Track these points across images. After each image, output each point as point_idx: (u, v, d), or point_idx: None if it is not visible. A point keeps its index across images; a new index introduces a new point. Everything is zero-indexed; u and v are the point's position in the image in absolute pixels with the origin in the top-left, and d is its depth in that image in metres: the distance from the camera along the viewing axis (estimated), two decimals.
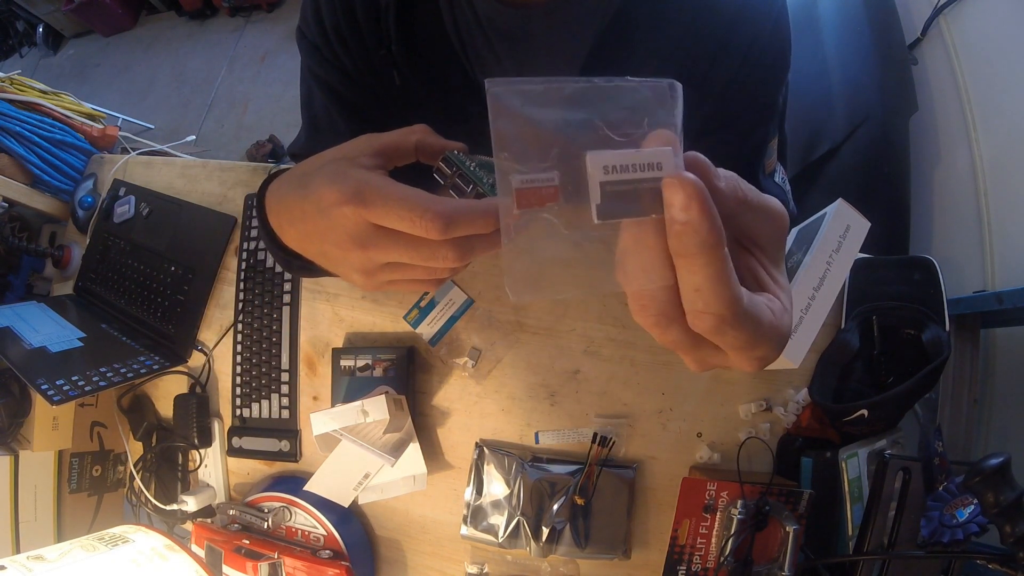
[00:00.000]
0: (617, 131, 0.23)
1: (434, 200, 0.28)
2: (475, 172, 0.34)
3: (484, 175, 0.34)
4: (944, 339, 0.60)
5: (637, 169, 0.21)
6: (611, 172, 0.21)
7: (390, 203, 0.28)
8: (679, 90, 0.24)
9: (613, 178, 0.21)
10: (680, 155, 0.22)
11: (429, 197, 0.28)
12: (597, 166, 0.21)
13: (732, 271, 0.21)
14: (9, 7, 2.92)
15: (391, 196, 0.28)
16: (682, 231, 0.20)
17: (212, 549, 0.67)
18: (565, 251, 0.23)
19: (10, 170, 0.97)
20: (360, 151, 0.33)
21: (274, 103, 2.44)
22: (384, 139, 0.35)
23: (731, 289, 0.21)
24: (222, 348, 0.82)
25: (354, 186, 0.29)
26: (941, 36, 1.03)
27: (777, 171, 0.56)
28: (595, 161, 0.21)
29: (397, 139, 0.35)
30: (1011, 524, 0.46)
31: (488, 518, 0.68)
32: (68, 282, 0.96)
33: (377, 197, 0.29)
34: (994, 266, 0.83)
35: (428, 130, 0.37)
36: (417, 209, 0.28)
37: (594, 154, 0.21)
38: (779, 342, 0.23)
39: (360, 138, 0.35)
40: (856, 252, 0.64)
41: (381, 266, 0.32)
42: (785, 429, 0.66)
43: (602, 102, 0.23)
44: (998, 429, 0.74)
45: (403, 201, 0.28)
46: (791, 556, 0.56)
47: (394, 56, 0.47)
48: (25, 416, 0.78)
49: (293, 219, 0.34)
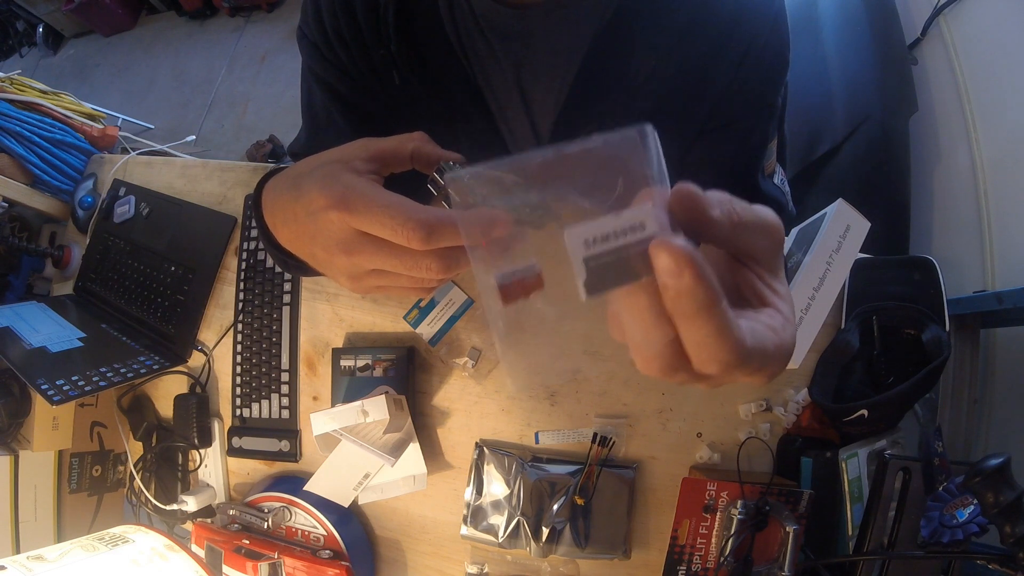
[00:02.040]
0: (592, 198, 0.22)
1: (418, 209, 0.28)
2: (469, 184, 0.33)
3: (479, 187, 0.32)
4: (944, 339, 0.60)
5: (619, 235, 0.20)
6: (592, 245, 0.20)
7: (374, 210, 0.28)
8: (650, 133, 0.22)
9: (596, 251, 0.20)
10: (663, 206, 0.21)
11: (414, 206, 0.28)
12: (577, 242, 0.20)
13: (732, 320, 0.20)
14: (9, 7, 2.93)
15: (375, 203, 0.28)
16: (676, 296, 0.19)
17: (212, 549, 0.67)
18: (559, 332, 0.23)
19: (10, 170, 0.97)
20: (355, 155, 0.33)
21: (274, 103, 2.44)
22: (380, 144, 0.35)
23: (734, 338, 0.20)
24: (222, 348, 0.82)
25: (341, 191, 0.29)
26: (941, 36, 1.03)
27: (776, 172, 0.56)
28: (573, 237, 0.20)
29: (394, 145, 0.35)
30: (1011, 524, 0.46)
31: (488, 518, 0.68)
32: (68, 282, 0.96)
33: (362, 203, 0.28)
34: (994, 266, 0.83)
35: (426, 138, 0.36)
36: (399, 217, 0.27)
37: (571, 230, 0.20)
38: (785, 357, 0.23)
39: (357, 142, 0.35)
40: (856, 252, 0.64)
41: (367, 272, 0.31)
42: (785, 429, 0.66)
43: (570, 172, 0.22)
44: (998, 429, 0.74)
45: (387, 208, 0.28)
46: (791, 556, 0.56)
47: (393, 56, 0.47)
48: (25, 416, 0.78)
49: (286, 220, 0.34)
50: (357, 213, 0.28)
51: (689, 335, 0.20)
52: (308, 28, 0.50)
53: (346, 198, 0.29)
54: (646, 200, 0.21)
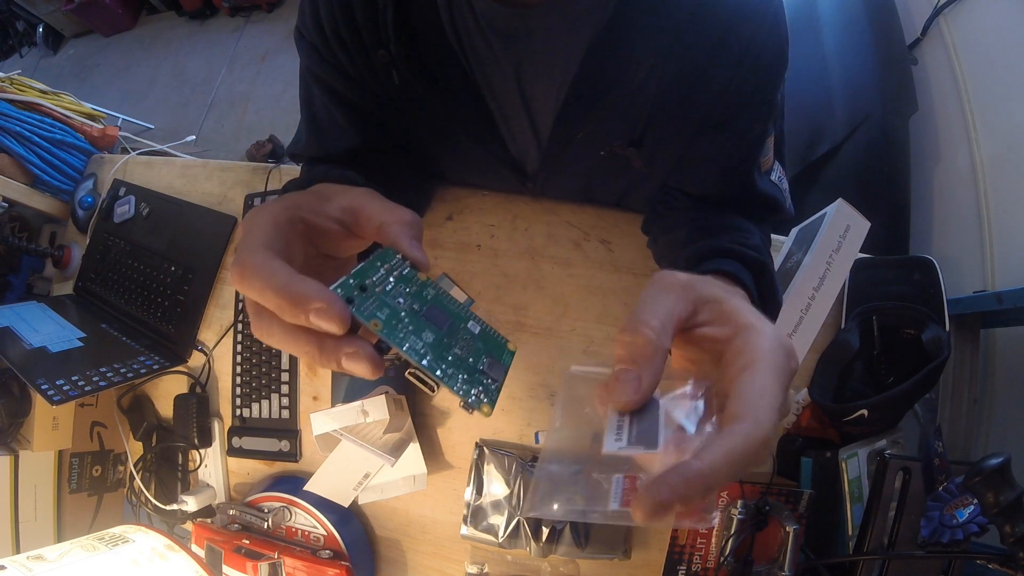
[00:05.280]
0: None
1: (285, 284, 0.26)
2: (371, 269, 0.29)
3: (396, 287, 0.29)
4: (944, 339, 0.60)
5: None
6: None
7: (256, 282, 0.27)
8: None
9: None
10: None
11: (286, 281, 0.26)
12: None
13: (708, 476, 0.23)
14: (9, 7, 2.92)
15: (259, 275, 0.27)
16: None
17: (212, 549, 0.67)
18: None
19: (10, 170, 0.97)
20: (282, 214, 0.32)
21: (274, 103, 2.44)
22: (368, 208, 0.33)
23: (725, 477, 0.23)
24: (222, 348, 0.82)
25: (235, 259, 0.28)
26: (941, 36, 1.03)
27: (774, 169, 0.56)
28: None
29: (372, 210, 0.33)
30: (1011, 524, 0.46)
31: (488, 518, 0.68)
32: (68, 282, 0.96)
33: (254, 277, 0.27)
34: (994, 266, 0.83)
35: (404, 220, 0.33)
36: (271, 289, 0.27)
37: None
38: (765, 444, 0.24)
39: (297, 197, 0.34)
40: (856, 252, 0.64)
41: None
42: (785, 429, 0.66)
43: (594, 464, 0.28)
44: (998, 429, 0.73)
45: (267, 280, 0.27)
46: (791, 556, 0.56)
47: (392, 56, 0.47)
48: (25, 416, 0.78)
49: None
50: (243, 275, 0.27)
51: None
52: (306, 28, 0.50)
53: (238, 257, 0.28)
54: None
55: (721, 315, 0.29)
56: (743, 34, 0.43)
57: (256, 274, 0.27)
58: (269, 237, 0.29)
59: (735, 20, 0.43)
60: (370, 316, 0.27)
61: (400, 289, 0.29)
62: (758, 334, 0.27)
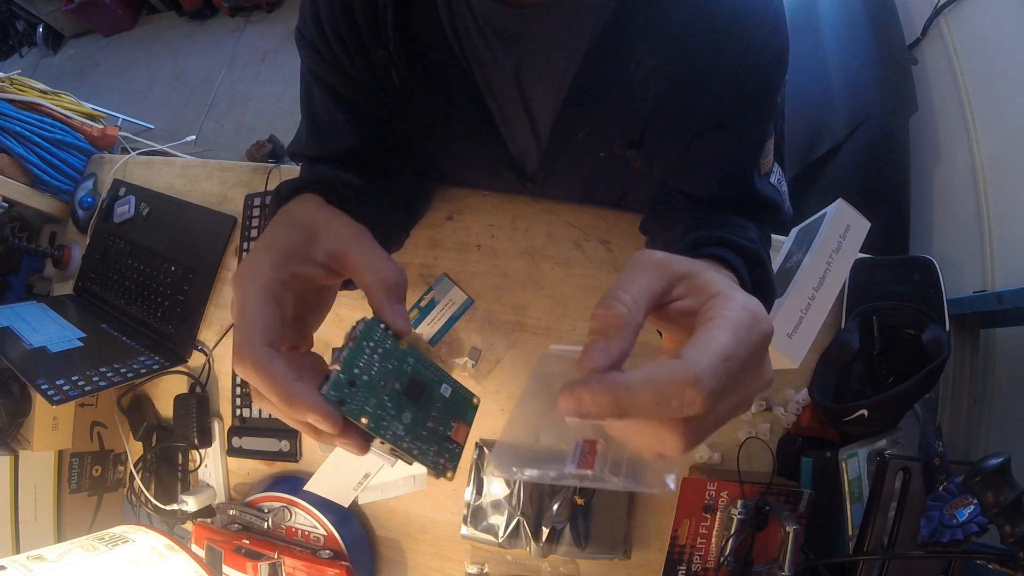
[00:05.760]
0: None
1: (293, 389, 0.30)
2: (357, 354, 0.32)
3: (380, 364, 0.33)
4: (944, 339, 0.60)
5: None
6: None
7: (256, 377, 0.31)
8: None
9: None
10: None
11: (287, 389, 0.30)
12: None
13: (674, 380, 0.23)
14: (9, 7, 2.93)
15: (262, 372, 0.30)
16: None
17: (212, 549, 0.67)
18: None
19: (10, 170, 0.97)
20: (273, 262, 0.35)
21: (274, 103, 2.44)
22: (353, 254, 0.36)
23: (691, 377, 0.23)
24: (222, 348, 0.82)
25: (236, 345, 0.31)
26: (941, 36, 1.03)
27: (774, 171, 0.56)
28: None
29: (363, 264, 0.36)
30: (1011, 524, 0.46)
31: (488, 518, 0.68)
32: (68, 282, 0.96)
33: (251, 368, 0.31)
34: (994, 266, 0.83)
35: (392, 287, 0.36)
36: (277, 395, 0.31)
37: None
38: (693, 384, 0.24)
39: (339, 227, 0.37)
40: (856, 252, 0.64)
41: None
42: (785, 429, 0.66)
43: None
44: (998, 429, 0.73)
45: (269, 385, 0.30)
46: (791, 556, 0.56)
47: (392, 56, 0.47)
48: (25, 416, 0.78)
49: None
50: (244, 369, 0.31)
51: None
52: (306, 28, 0.50)
53: (240, 348, 0.31)
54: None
55: (694, 288, 0.29)
56: (743, 35, 0.43)
57: (257, 375, 0.30)
58: (266, 323, 0.32)
59: (735, 21, 0.43)
60: (359, 414, 0.31)
61: (384, 369, 0.33)
62: (726, 299, 0.27)
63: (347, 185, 0.47)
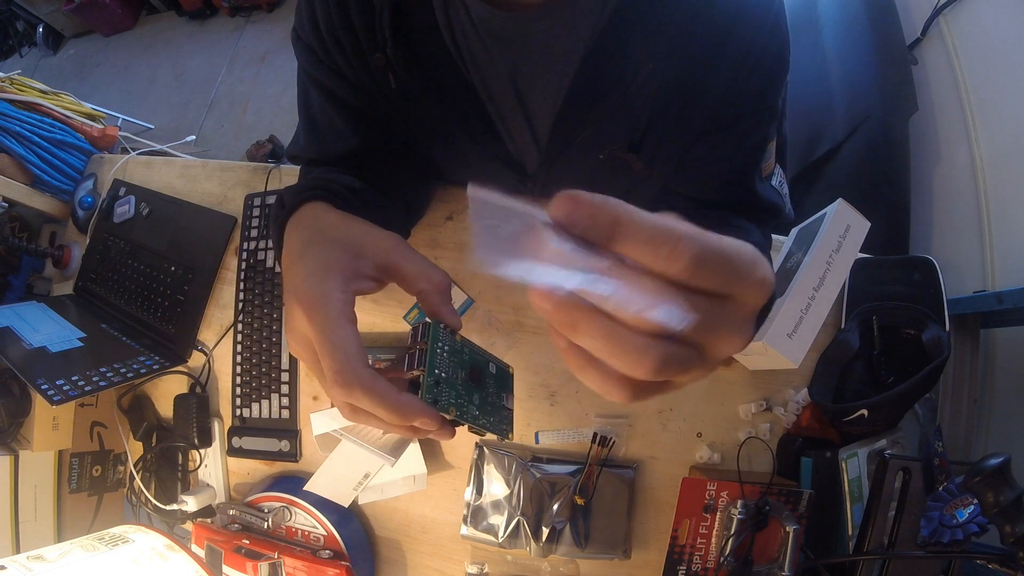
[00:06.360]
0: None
1: (397, 400, 0.33)
2: (434, 357, 0.36)
3: (449, 360, 0.37)
4: (944, 339, 0.60)
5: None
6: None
7: (362, 396, 0.33)
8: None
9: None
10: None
11: (395, 396, 0.33)
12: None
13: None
14: (9, 7, 2.93)
15: (366, 390, 0.33)
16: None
17: (212, 549, 0.67)
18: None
19: (10, 170, 0.97)
20: (363, 259, 0.37)
21: (274, 103, 2.44)
22: (401, 263, 0.38)
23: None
24: (222, 348, 0.82)
25: (331, 361, 0.33)
26: (941, 36, 1.03)
27: (775, 173, 0.56)
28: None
29: (413, 272, 0.38)
30: (1011, 524, 0.46)
31: (488, 518, 0.68)
32: (68, 282, 0.96)
33: (358, 388, 0.33)
34: (994, 266, 0.83)
35: (445, 287, 0.39)
36: (385, 409, 0.33)
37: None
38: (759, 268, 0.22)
39: (382, 240, 0.39)
40: (856, 252, 0.64)
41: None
42: (785, 429, 0.66)
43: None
44: (998, 429, 0.73)
45: (377, 398, 0.33)
46: (791, 556, 0.56)
47: (389, 59, 0.47)
48: (25, 416, 0.78)
49: (287, 290, 0.38)
50: (351, 393, 0.33)
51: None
52: (303, 31, 0.50)
53: (343, 375, 0.33)
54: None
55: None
56: (742, 37, 0.43)
57: (367, 397, 0.33)
58: (357, 346, 0.34)
59: (734, 23, 0.43)
60: (447, 407, 0.35)
61: (452, 363, 0.37)
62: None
63: (348, 189, 0.47)
